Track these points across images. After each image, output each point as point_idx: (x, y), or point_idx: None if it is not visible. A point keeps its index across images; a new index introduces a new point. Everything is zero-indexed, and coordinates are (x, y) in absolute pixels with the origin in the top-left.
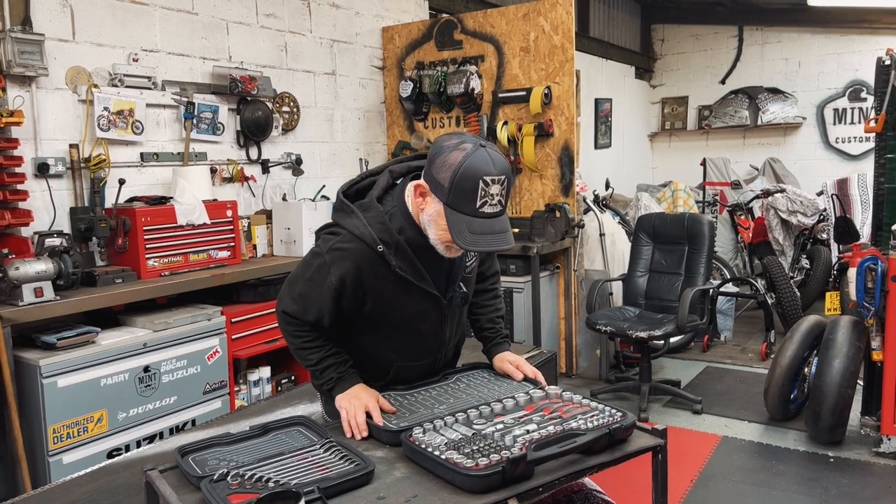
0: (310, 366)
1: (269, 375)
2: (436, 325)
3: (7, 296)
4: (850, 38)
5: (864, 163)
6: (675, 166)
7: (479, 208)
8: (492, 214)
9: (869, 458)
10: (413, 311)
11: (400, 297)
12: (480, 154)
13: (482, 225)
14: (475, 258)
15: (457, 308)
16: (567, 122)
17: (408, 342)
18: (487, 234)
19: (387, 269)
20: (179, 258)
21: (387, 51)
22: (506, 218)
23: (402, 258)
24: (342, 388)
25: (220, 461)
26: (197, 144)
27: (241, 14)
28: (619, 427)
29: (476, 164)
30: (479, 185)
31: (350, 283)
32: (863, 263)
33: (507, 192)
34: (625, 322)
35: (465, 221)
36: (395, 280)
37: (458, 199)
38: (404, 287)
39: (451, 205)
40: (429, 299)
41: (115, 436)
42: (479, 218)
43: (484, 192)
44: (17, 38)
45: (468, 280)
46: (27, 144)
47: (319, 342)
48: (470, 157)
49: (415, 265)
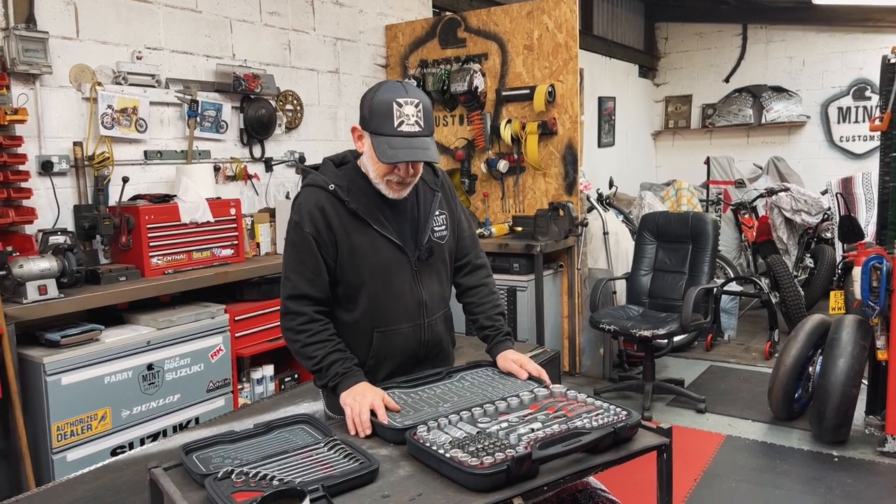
0: (314, 364)
1: (273, 374)
2: (408, 282)
3: (11, 293)
4: (854, 36)
5: (869, 161)
6: (678, 165)
7: (397, 127)
8: (411, 133)
9: (873, 457)
10: (381, 259)
11: (364, 243)
12: (392, 83)
13: (402, 142)
14: (444, 222)
15: (429, 268)
16: (571, 121)
17: (385, 301)
18: (406, 148)
19: (344, 209)
20: (183, 256)
21: (390, 49)
22: (429, 140)
23: (354, 196)
24: (347, 384)
25: (224, 459)
26: (200, 142)
27: (244, 12)
28: (625, 426)
29: (387, 90)
30: (393, 106)
31: (321, 228)
32: (868, 262)
33: (424, 115)
34: (628, 321)
35: (385, 141)
36: (355, 222)
37: (378, 123)
38: (365, 233)
39: (373, 131)
40: (394, 250)
41: (118, 433)
42: (399, 137)
43: (399, 112)
44: (21, 36)
45: (439, 247)
46: (31, 142)
47: (323, 336)
48: (382, 86)
49: (368, 207)
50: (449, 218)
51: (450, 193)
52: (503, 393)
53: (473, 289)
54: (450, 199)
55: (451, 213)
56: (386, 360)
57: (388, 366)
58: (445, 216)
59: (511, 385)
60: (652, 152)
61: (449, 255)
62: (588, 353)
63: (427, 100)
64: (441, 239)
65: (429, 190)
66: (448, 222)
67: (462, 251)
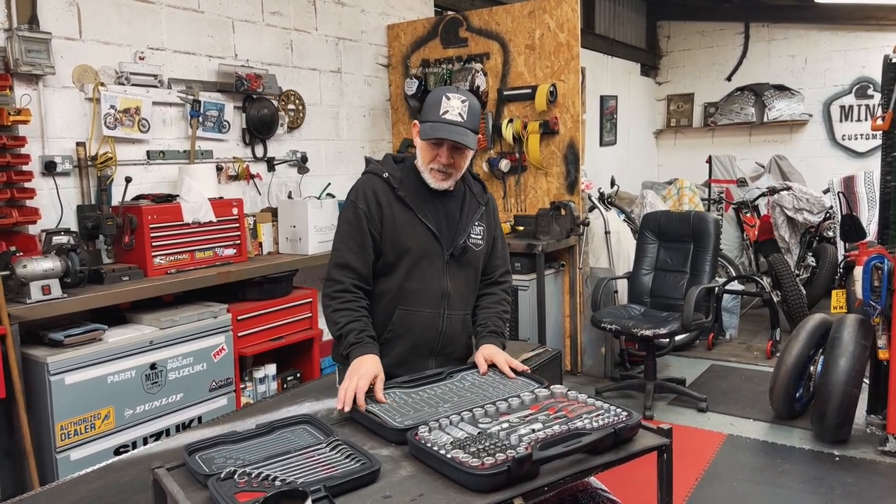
0: (337, 330)
1: (275, 373)
2: (438, 272)
3: (15, 293)
4: (856, 34)
5: (871, 160)
6: (680, 164)
7: (442, 115)
8: (453, 122)
9: (875, 456)
10: (417, 243)
11: (406, 226)
12: (448, 87)
13: (443, 126)
14: (482, 233)
15: (459, 266)
16: (572, 120)
17: (413, 282)
18: (445, 130)
19: (393, 195)
20: (186, 256)
21: (392, 48)
22: (469, 132)
23: (405, 187)
24: (357, 354)
25: (227, 459)
26: (203, 142)
27: (246, 12)
28: (625, 426)
29: (440, 89)
30: (442, 98)
31: (372, 206)
32: (869, 262)
33: (469, 110)
34: (630, 320)
35: (430, 125)
36: (402, 207)
37: (428, 112)
38: (409, 218)
39: (423, 118)
40: (431, 239)
41: (121, 433)
42: (442, 123)
43: (446, 103)
44: (24, 37)
45: (472, 252)
46: (34, 142)
47: (353, 306)
48: (439, 87)
49: (416, 197)
50: (486, 231)
51: (492, 213)
52: (504, 393)
53: (485, 295)
54: (491, 217)
55: (489, 228)
56: (402, 338)
57: (404, 344)
58: (483, 229)
59: (511, 385)
60: (654, 151)
61: (481, 264)
62: (590, 352)
63: (476, 101)
64: (476, 245)
65: (475, 201)
66: (485, 235)
67: (490, 267)
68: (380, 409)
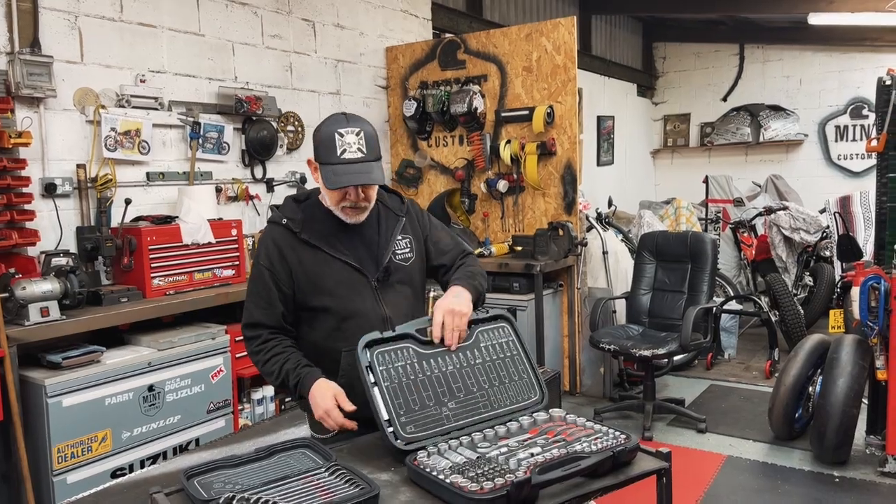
0: (275, 379)
1: (273, 394)
2: (371, 301)
3: (13, 315)
4: (851, 55)
5: (867, 180)
6: (677, 183)
7: (340, 155)
8: (353, 160)
9: (874, 477)
10: (339, 281)
11: (320, 265)
12: (335, 116)
13: (345, 169)
14: (409, 245)
15: (391, 287)
16: (569, 141)
17: (348, 320)
18: (349, 174)
19: (297, 240)
20: (184, 277)
21: (391, 70)
22: (373, 165)
23: (309, 228)
24: (307, 385)
25: (225, 484)
26: (202, 164)
27: (246, 35)
28: (624, 450)
29: (331, 123)
30: (335, 137)
31: (276, 261)
32: (866, 283)
33: (366, 142)
34: (628, 340)
35: (331, 170)
36: (309, 249)
37: (325, 153)
38: (321, 257)
39: (321, 161)
40: (351, 271)
41: (118, 455)
42: (343, 164)
43: (340, 141)
44: (25, 60)
45: (401, 268)
46: (35, 165)
47: (277, 350)
48: (327, 120)
49: (323, 235)
50: (414, 242)
51: (416, 219)
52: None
53: (453, 269)
54: (416, 224)
55: (416, 237)
56: (357, 380)
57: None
58: (410, 240)
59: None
60: (651, 171)
61: (419, 275)
62: (588, 372)
63: (369, 127)
64: (404, 261)
65: (392, 216)
66: (414, 245)
67: (444, 260)
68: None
